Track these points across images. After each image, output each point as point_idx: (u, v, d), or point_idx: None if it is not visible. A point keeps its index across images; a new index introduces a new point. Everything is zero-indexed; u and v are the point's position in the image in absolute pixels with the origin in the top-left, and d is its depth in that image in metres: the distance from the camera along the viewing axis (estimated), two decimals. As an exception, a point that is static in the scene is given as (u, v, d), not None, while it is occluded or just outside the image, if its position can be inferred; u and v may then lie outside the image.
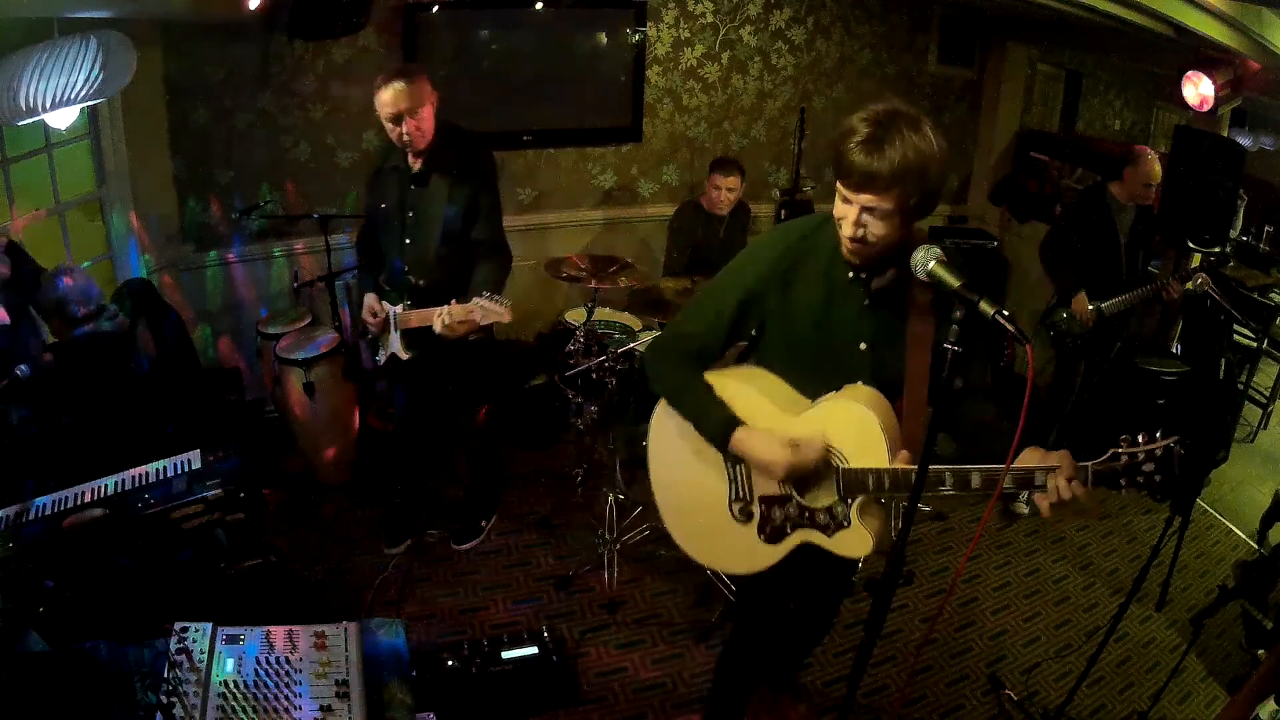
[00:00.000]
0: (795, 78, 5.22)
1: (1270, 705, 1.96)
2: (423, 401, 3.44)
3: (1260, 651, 3.19)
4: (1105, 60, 5.18)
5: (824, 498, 1.95)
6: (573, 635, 3.22)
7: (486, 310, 2.81)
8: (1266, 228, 5.05)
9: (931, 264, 1.66)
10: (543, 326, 5.16)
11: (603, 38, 4.72)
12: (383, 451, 4.13)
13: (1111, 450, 1.67)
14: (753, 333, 2.01)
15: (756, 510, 2.05)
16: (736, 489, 2.06)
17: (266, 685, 1.77)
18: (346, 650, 1.90)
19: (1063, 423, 4.31)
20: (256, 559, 2.88)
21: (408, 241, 3.08)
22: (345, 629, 1.96)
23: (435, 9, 4.31)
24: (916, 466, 1.69)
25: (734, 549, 2.09)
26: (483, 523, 3.77)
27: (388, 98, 2.81)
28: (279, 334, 3.99)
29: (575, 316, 4.31)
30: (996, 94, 5.67)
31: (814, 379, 1.97)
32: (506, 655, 2.89)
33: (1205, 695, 3.08)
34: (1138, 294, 3.94)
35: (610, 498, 3.59)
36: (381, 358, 3.28)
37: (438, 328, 2.90)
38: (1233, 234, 4.79)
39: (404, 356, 3.18)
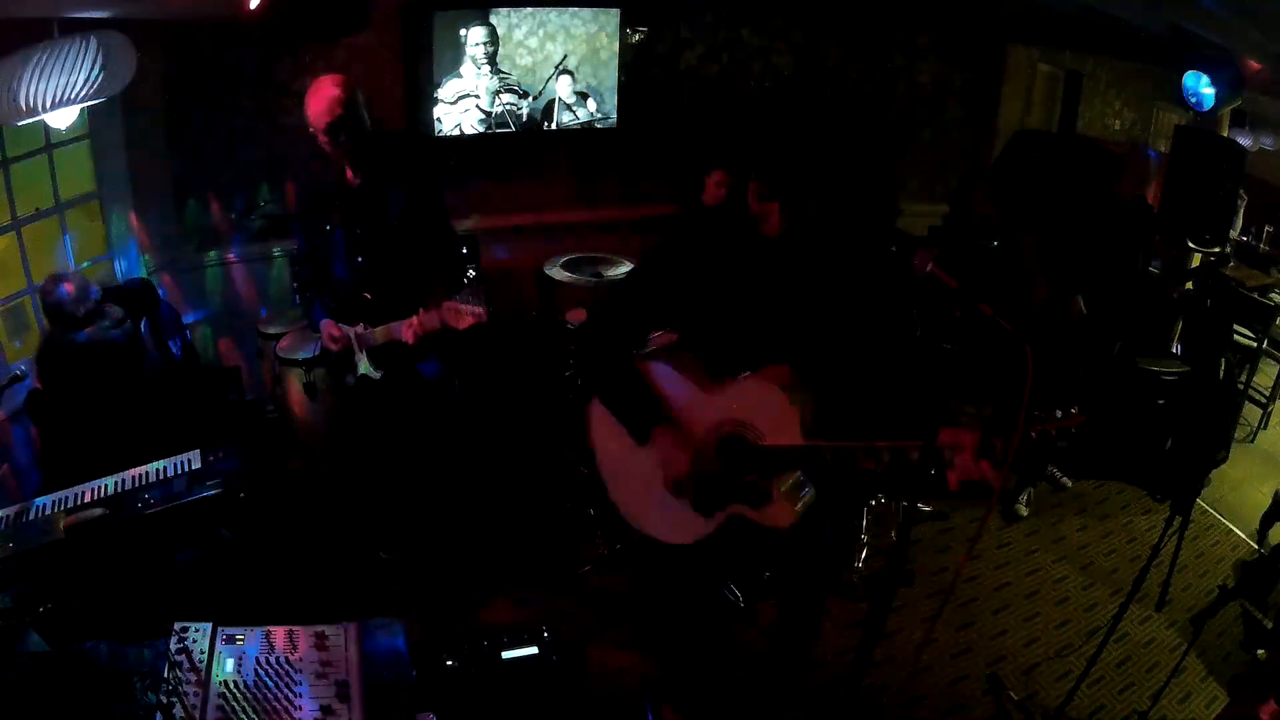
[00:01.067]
0: (795, 78, 5.22)
1: (1270, 705, 1.97)
2: (398, 420, 3.33)
3: (1260, 651, 3.19)
4: (1105, 60, 5.18)
5: (747, 473, 2.09)
6: (573, 635, 3.21)
7: (461, 313, 2.74)
8: (1266, 228, 5.05)
9: (930, 265, 1.65)
10: (543, 327, 5.17)
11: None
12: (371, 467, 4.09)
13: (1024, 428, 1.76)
14: (673, 312, 2.15)
15: (689, 485, 2.17)
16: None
17: (266, 685, 1.77)
18: (346, 650, 1.90)
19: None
20: (256, 559, 2.88)
21: (359, 259, 2.95)
22: (345, 629, 1.96)
23: (435, 9, 4.31)
24: (826, 442, 1.95)
25: (672, 521, 2.24)
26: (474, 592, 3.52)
27: (324, 107, 2.67)
28: (279, 334, 3.99)
29: (575, 316, 4.31)
30: (997, 94, 5.66)
31: (733, 356, 2.09)
32: (506, 655, 2.89)
33: (1205, 695, 3.08)
34: (1138, 295, 3.93)
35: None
36: (351, 380, 3.15)
37: (409, 338, 2.84)
38: (1233, 234, 4.79)
39: (375, 376, 3.06)
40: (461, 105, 4.56)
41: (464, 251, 3.15)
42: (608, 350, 2.20)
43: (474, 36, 4.45)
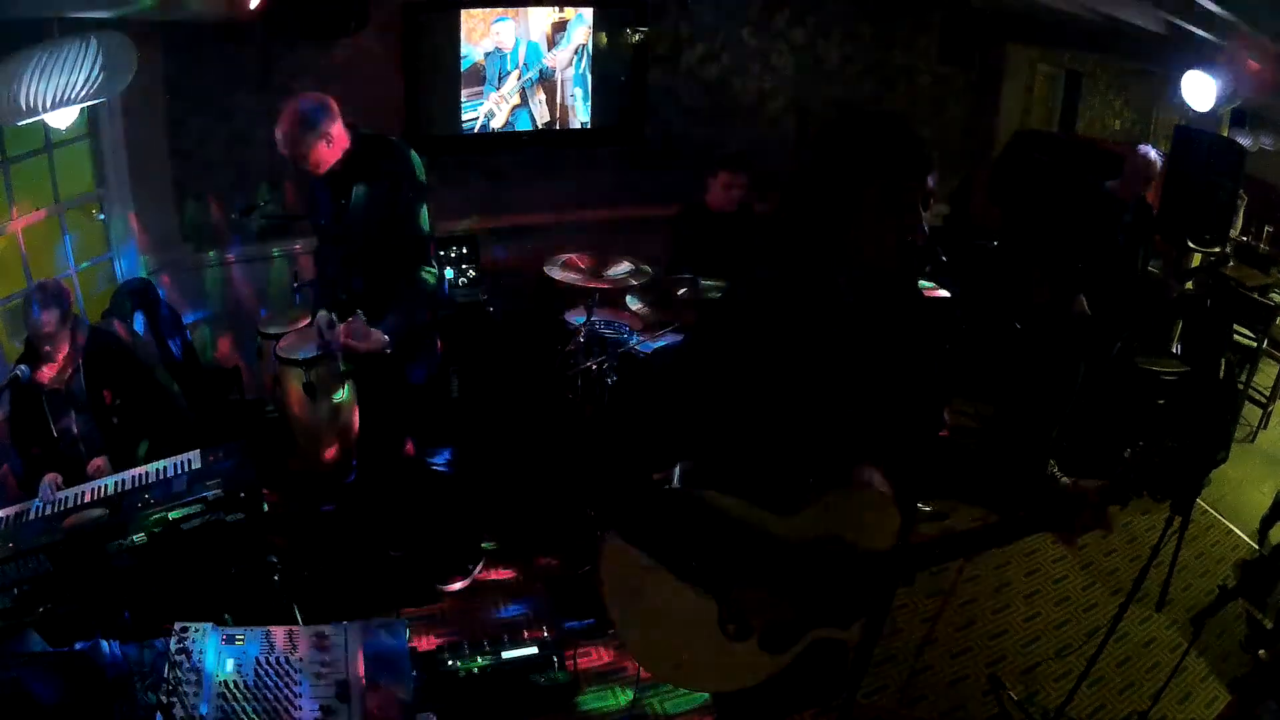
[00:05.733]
0: (795, 78, 5.22)
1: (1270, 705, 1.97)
2: (382, 415, 3.47)
3: (1261, 651, 3.19)
4: (1105, 60, 5.19)
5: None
6: (573, 635, 3.21)
7: (365, 336, 2.80)
8: (1266, 228, 5.05)
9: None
10: (543, 326, 5.17)
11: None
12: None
13: (1120, 470, 1.72)
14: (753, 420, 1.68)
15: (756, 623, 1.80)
16: (728, 608, 1.77)
17: (266, 685, 1.77)
18: (346, 650, 1.90)
19: (1063, 423, 4.31)
20: (257, 559, 2.87)
21: (342, 254, 3.09)
22: (345, 629, 1.96)
23: (435, 9, 4.31)
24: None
25: (732, 668, 1.81)
26: (470, 566, 3.56)
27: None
28: (279, 334, 3.99)
29: (575, 316, 4.31)
30: (997, 94, 5.66)
31: (814, 469, 1.72)
32: (506, 655, 2.89)
33: (1205, 695, 3.08)
34: (1138, 295, 3.93)
35: (610, 498, 3.58)
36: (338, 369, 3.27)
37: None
38: (1233, 234, 4.79)
39: (343, 369, 3.18)
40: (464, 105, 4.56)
41: (430, 265, 3.05)
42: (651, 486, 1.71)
43: (476, 37, 4.45)
